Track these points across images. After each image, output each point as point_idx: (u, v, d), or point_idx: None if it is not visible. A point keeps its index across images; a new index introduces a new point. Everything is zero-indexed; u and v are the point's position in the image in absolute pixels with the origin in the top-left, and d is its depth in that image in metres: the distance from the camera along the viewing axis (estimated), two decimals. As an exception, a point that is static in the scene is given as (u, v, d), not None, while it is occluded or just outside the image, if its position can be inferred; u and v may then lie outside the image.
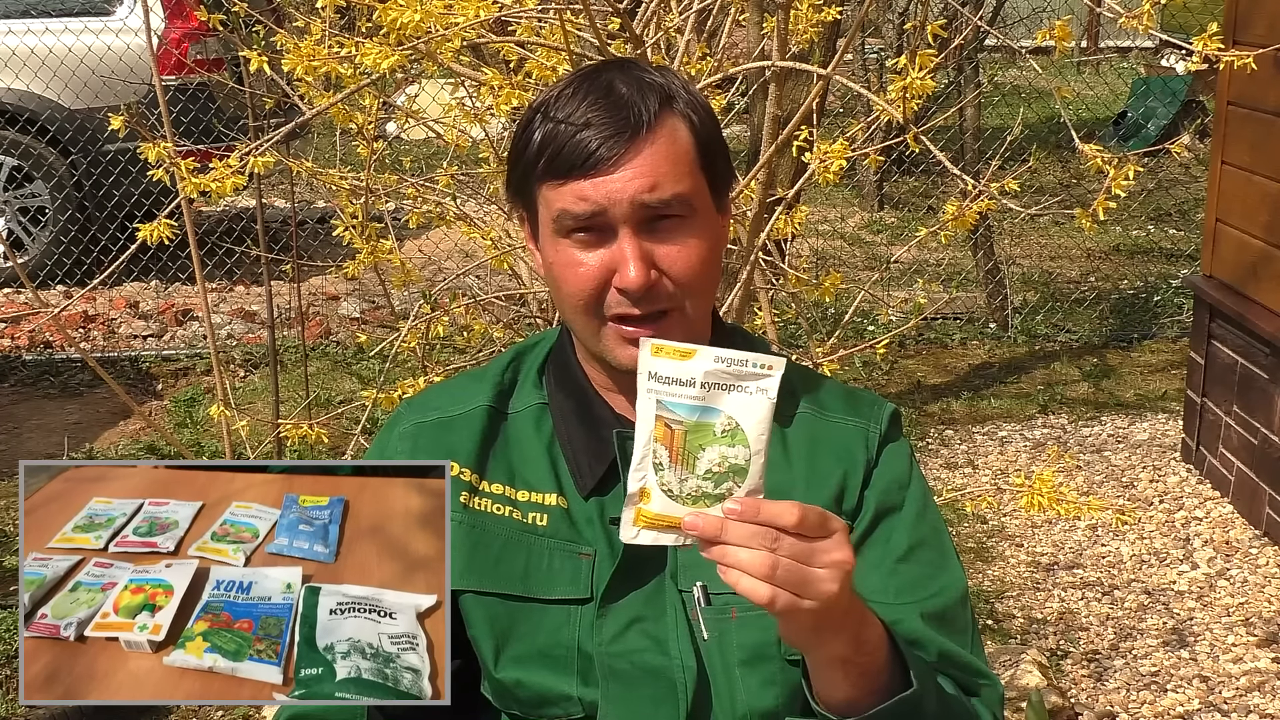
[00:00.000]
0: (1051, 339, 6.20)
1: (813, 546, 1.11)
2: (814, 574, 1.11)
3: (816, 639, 1.18)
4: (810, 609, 1.11)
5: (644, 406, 1.13)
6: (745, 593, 1.10)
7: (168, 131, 2.62)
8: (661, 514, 1.13)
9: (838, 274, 2.66)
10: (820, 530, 1.12)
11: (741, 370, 1.12)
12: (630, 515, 1.14)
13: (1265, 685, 3.27)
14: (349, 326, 6.32)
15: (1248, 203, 4.16)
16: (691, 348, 1.13)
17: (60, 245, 6.93)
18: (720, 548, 1.11)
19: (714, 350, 1.13)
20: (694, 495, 1.12)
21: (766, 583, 1.09)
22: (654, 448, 1.13)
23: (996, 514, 4.26)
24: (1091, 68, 13.20)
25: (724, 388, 1.12)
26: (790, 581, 1.10)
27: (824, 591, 1.11)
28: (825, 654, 1.20)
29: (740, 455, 1.12)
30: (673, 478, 1.12)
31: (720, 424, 1.12)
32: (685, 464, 1.12)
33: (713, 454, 1.12)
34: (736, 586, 1.10)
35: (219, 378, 2.94)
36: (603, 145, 1.30)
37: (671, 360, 1.13)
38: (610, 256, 1.33)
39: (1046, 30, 2.05)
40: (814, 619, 1.13)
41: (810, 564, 1.11)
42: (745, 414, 1.13)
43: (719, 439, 1.12)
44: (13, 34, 6.73)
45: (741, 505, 1.11)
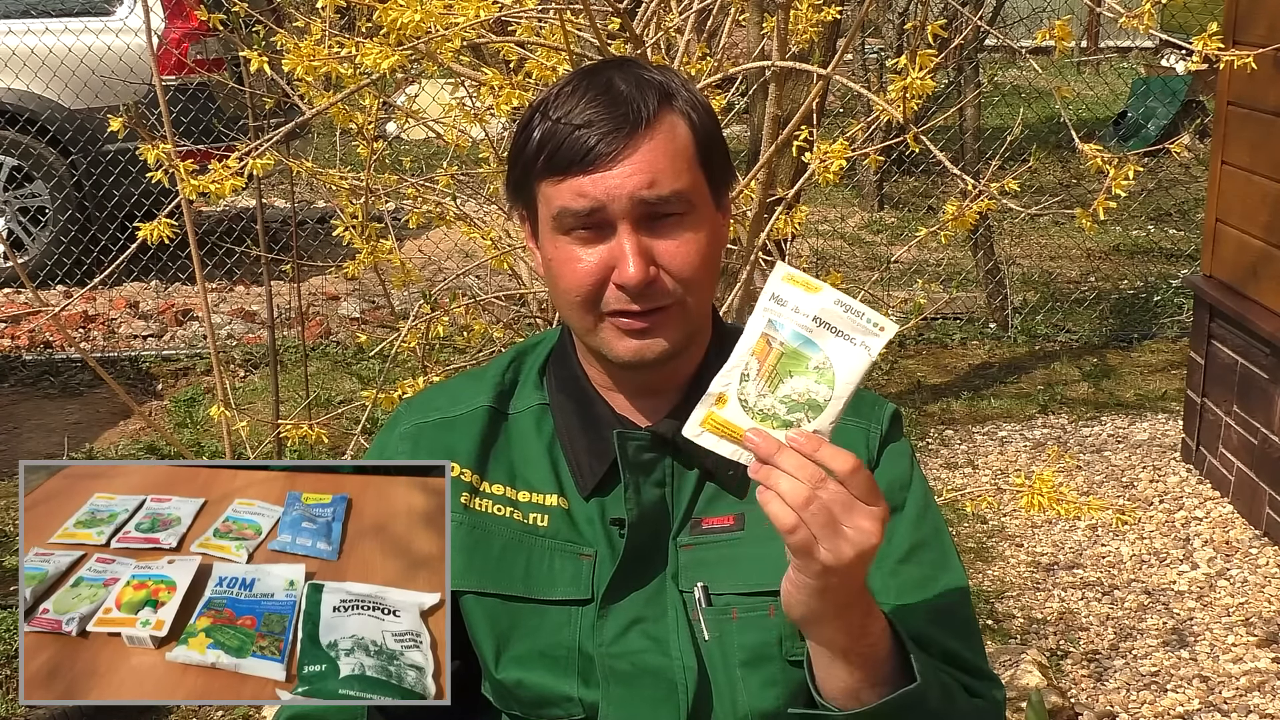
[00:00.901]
0: (1051, 339, 6.20)
1: (853, 502, 1.12)
2: (841, 528, 1.12)
3: (819, 606, 1.17)
4: (823, 560, 1.12)
5: (755, 322, 1.16)
6: (772, 515, 1.11)
7: (168, 131, 2.62)
8: (729, 421, 1.16)
9: (838, 274, 2.66)
10: (867, 495, 1.13)
11: (856, 321, 1.15)
12: (701, 414, 1.17)
13: (1265, 685, 3.27)
14: (349, 326, 6.32)
15: (1248, 203, 4.16)
16: (819, 284, 1.16)
17: (60, 245, 6.93)
18: (766, 469, 1.12)
19: (839, 294, 1.16)
20: (765, 413, 1.15)
21: (795, 513, 1.11)
22: (748, 360, 1.16)
23: (996, 514, 4.26)
24: (1091, 68, 13.21)
25: (833, 330, 1.15)
26: (817, 522, 1.11)
27: (842, 550, 1.12)
28: (826, 638, 1.20)
29: (822, 394, 1.15)
30: (753, 390, 1.15)
31: (816, 359, 1.15)
32: (769, 382, 1.15)
33: (798, 383, 1.15)
34: (766, 507, 1.12)
35: (219, 378, 2.94)
36: (601, 141, 1.30)
37: (798, 289, 1.16)
38: (609, 253, 1.33)
39: (1046, 30, 2.05)
40: (823, 574, 1.13)
41: (842, 517, 1.12)
42: (842, 360, 1.15)
43: (809, 372, 1.15)
44: (13, 34, 6.73)
45: (804, 438, 1.13)
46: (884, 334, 1.15)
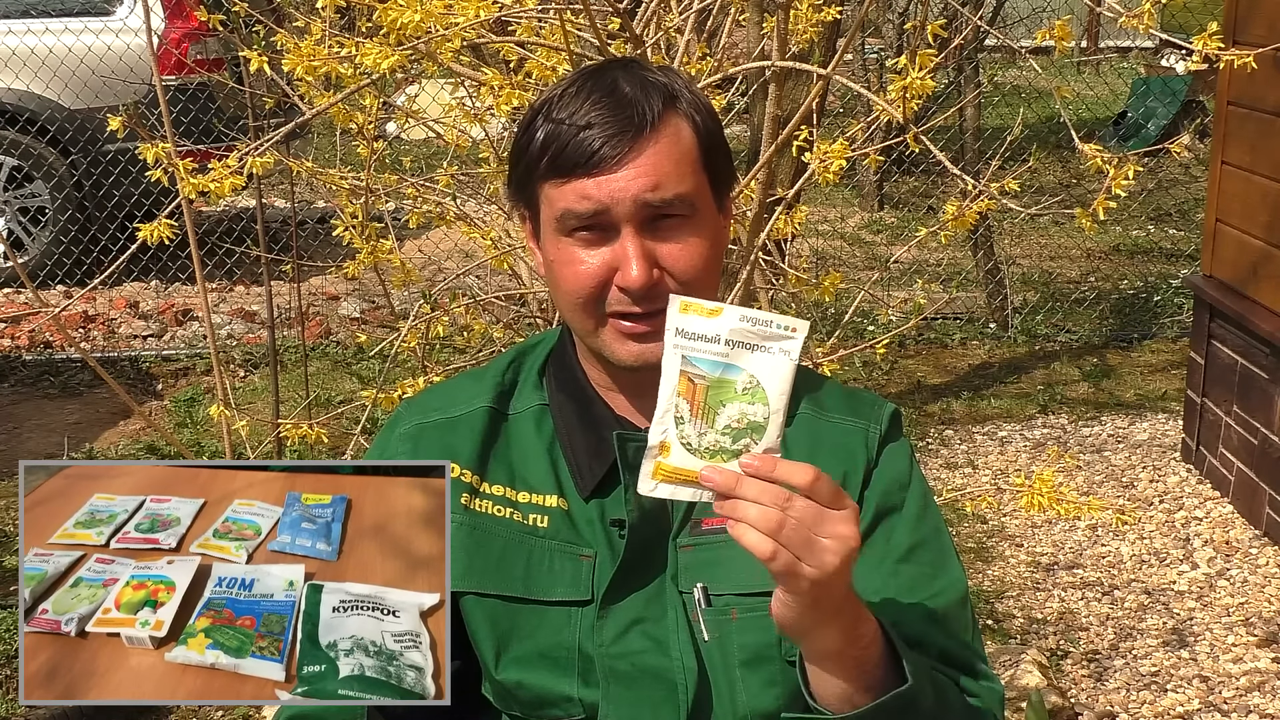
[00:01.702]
0: (1051, 339, 6.20)
1: (823, 513, 1.12)
2: (818, 541, 1.11)
3: (812, 617, 1.17)
4: (809, 576, 1.12)
5: (669, 361, 1.15)
6: (749, 546, 1.11)
7: (168, 131, 2.62)
8: (679, 467, 1.15)
9: (838, 274, 2.66)
10: (832, 501, 1.13)
11: (766, 330, 1.14)
12: (649, 468, 1.16)
13: (1265, 685, 3.27)
14: (349, 326, 6.32)
15: (1248, 203, 4.16)
16: (719, 306, 1.15)
17: (60, 245, 6.93)
18: (731, 501, 1.12)
19: (740, 309, 1.15)
20: (711, 450, 1.14)
21: (771, 538, 1.10)
22: (676, 402, 1.15)
23: (996, 514, 4.26)
24: (1091, 68, 13.21)
25: (748, 346, 1.14)
26: (794, 542, 1.11)
27: (825, 561, 1.11)
28: (819, 644, 1.20)
29: (759, 413, 1.14)
30: (692, 431, 1.14)
31: (742, 381, 1.14)
32: (705, 418, 1.14)
33: (732, 410, 1.14)
34: (741, 540, 1.11)
35: (219, 378, 2.94)
36: (606, 144, 1.30)
37: (698, 316, 1.14)
38: (612, 255, 1.33)
39: (1046, 30, 2.05)
40: (812, 590, 1.13)
41: (817, 530, 1.11)
42: (767, 373, 1.14)
43: (739, 396, 1.14)
44: (13, 34, 6.73)
45: (758, 460, 1.13)
46: (798, 334, 1.15)
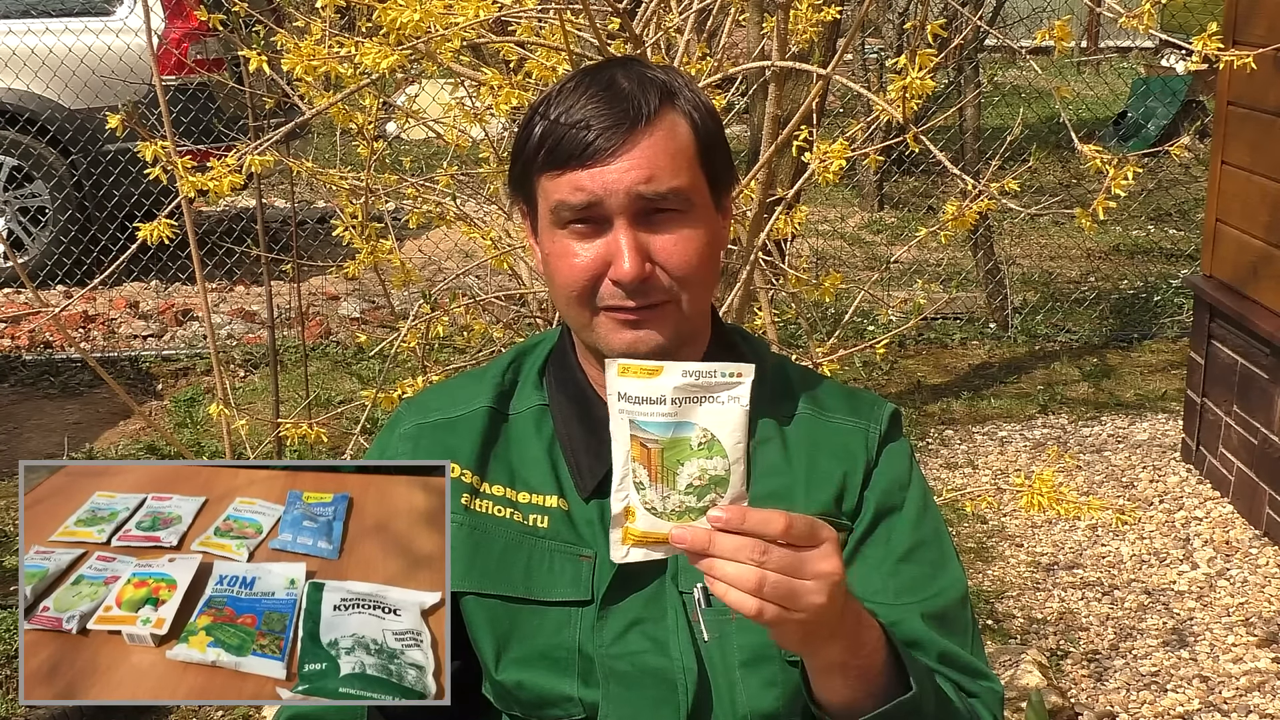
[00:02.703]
0: (1051, 339, 6.20)
1: (800, 557, 1.11)
2: (802, 586, 1.10)
3: (808, 647, 1.18)
4: (799, 620, 1.11)
5: (618, 427, 1.12)
6: (733, 605, 1.09)
7: (168, 131, 2.62)
8: (649, 531, 1.12)
9: (838, 274, 2.66)
10: (808, 540, 1.11)
11: (711, 381, 1.11)
12: (618, 535, 1.13)
13: (1265, 685, 3.27)
14: (349, 326, 6.32)
15: (1248, 203, 4.17)
16: (658, 364, 1.12)
17: (60, 245, 6.93)
18: (708, 560, 1.10)
19: (681, 364, 1.12)
20: (678, 511, 1.11)
21: (754, 597, 1.09)
22: (633, 467, 1.12)
23: (996, 514, 4.26)
24: (1091, 68, 13.21)
25: (695, 400, 1.11)
26: (778, 595, 1.09)
27: (812, 604, 1.11)
28: (822, 658, 1.20)
29: (719, 466, 1.11)
30: (655, 496, 1.11)
31: (695, 437, 1.11)
32: (665, 481, 1.11)
33: (692, 468, 1.11)
34: (724, 599, 1.10)
35: (219, 378, 2.94)
36: (600, 136, 1.31)
37: (639, 379, 1.11)
38: (606, 248, 1.33)
39: (1046, 30, 2.05)
40: (802, 629, 1.13)
41: (798, 575, 1.10)
42: (719, 424, 1.11)
43: (696, 452, 1.11)
44: (13, 34, 6.73)
45: (727, 514, 1.10)
46: (745, 378, 1.12)
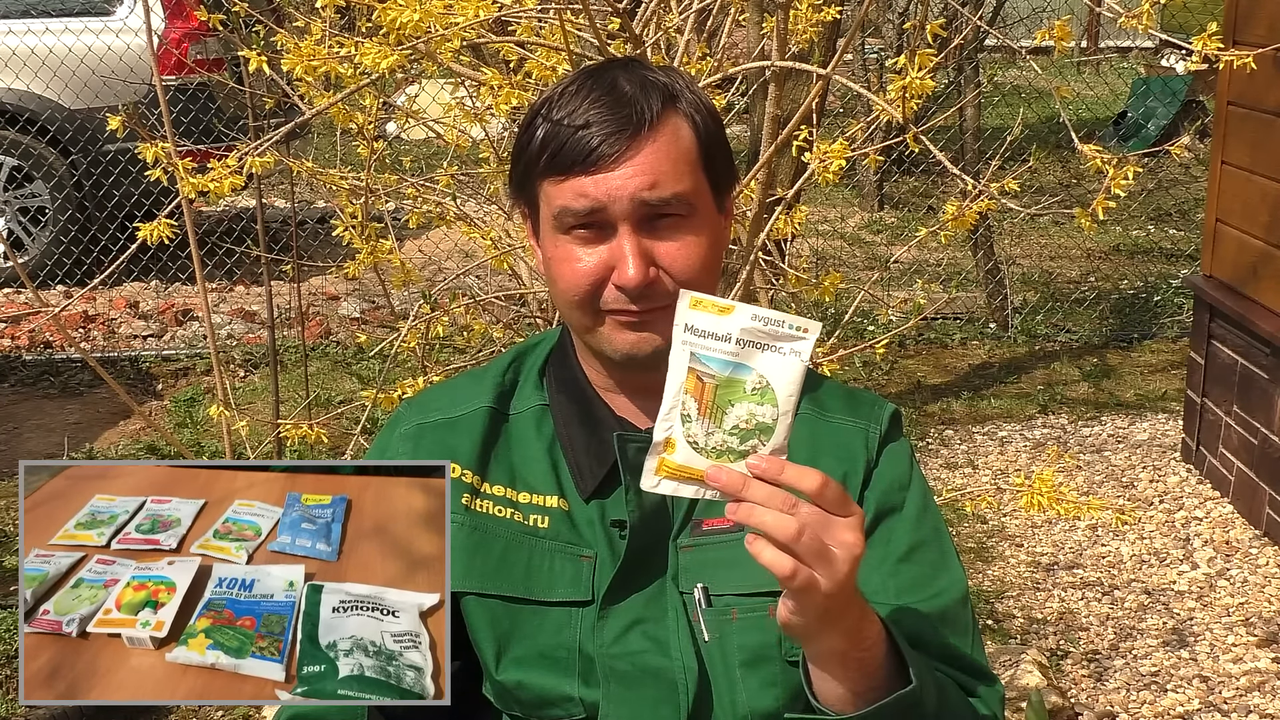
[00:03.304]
0: (1051, 339, 6.20)
1: (829, 520, 1.11)
2: (830, 551, 1.10)
3: (819, 626, 1.16)
4: (823, 589, 1.11)
5: (677, 357, 1.13)
6: (768, 563, 1.09)
7: (168, 131, 2.62)
8: (685, 465, 1.13)
9: (838, 274, 2.65)
10: (838, 506, 1.12)
11: (777, 330, 1.13)
12: (653, 464, 1.14)
13: (1265, 685, 3.27)
14: (349, 326, 6.32)
15: (1248, 203, 4.16)
16: (730, 303, 1.13)
17: (60, 245, 6.93)
18: (747, 506, 1.10)
19: (752, 308, 1.13)
20: (719, 449, 1.12)
21: (789, 554, 1.09)
22: (683, 399, 1.13)
23: (996, 514, 4.26)
24: (1091, 68, 13.21)
25: (758, 346, 1.12)
26: (809, 553, 1.09)
27: (837, 571, 1.11)
28: (824, 646, 1.20)
29: (768, 414, 1.12)
30: (699, 430, 1.12)
31: (751, 381, 1.12)
32: (713, 417, 1.12)
33: (741, 410, 1.12)
34: (760, 557, 1.10)
35: (219, 378, 2.94)
36: (604, 142, 1.31)
37: (709, 314, 1.13)
38: (610, 253, 1.33)
39: (1046, 30, 2.05)
40: (824, 601, 1.12)
41: (826, 538, 1.10)
42: (777, 373, 1.12)
43: (749, 396, 1.12)
44: (13, 34, 6.73)
45: (766, 463, 1.11)
46: (810, 335, 1.13)
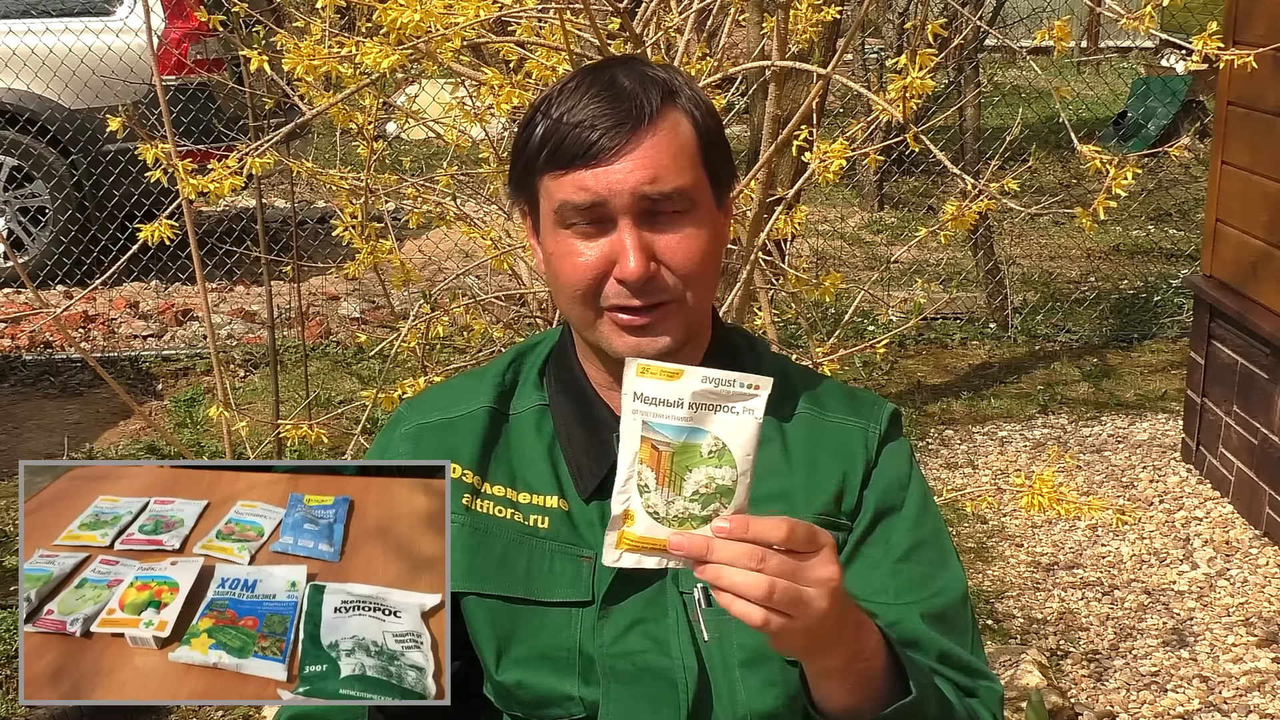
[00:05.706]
0: (1051, 339, 6.20)
1: (801, 564, 1.10)
2: (805, 593, 1.10)
3: (809, 653, 1.18)
4: (802, 628, 1.11)
5: (629, 427, 1.11)
6: (739, 615, 1.09)
7: (168, 131, 2.62)
8: (645, 536, 1.11)
9: (838, 274, 2.66)
10: (808, 545, 1.11)
11: (729, 390, 1.11)
12: (613, 538, 1.12)
13: (1265, 685, 3.28)
14: (349, 326, 6.32)
15: (1248, 203, 4.17)
16: (679, 368, 1.11)
17: (60, 245, 6.93)
18: (714, 568, 1.09)
19: (701, 370, 1.11)
20: (680, 517, 1.11)
21: (761, 606, 1.08)
22: (639, 469, 1.11)
23: (996, 514, 4.26)
24: (1091, 68, 13.22)
25: (711, 408, 1.10)
26: (784, 603, 1.09)
27: (815, 610, 1.10)
28: (821, 663, 1.20)
29: (727, 476, 1.10)
30: (659, 500, 1.10)
31: (707, 445, 1.10)
32: (672, 486, 1.10)
33: (699, 475, 1.10)
34: (730, 609, 1.09)
35: (219, 378, 2.94)
36: (604, 136, 1.31)
37: (659, 380, 1.11)
38: (610, 247, 1.33)
39: (1046, 30, 2.05)
40: (805, 637, 1.13)
41: (800, 582, 1.10)
42: (732, 435, 1.11)
43: (706, 460, 1.10)
44: (13, 34, 6.73)
45: (731, 523, 1.09)
46: (762, 391, 1.11)
